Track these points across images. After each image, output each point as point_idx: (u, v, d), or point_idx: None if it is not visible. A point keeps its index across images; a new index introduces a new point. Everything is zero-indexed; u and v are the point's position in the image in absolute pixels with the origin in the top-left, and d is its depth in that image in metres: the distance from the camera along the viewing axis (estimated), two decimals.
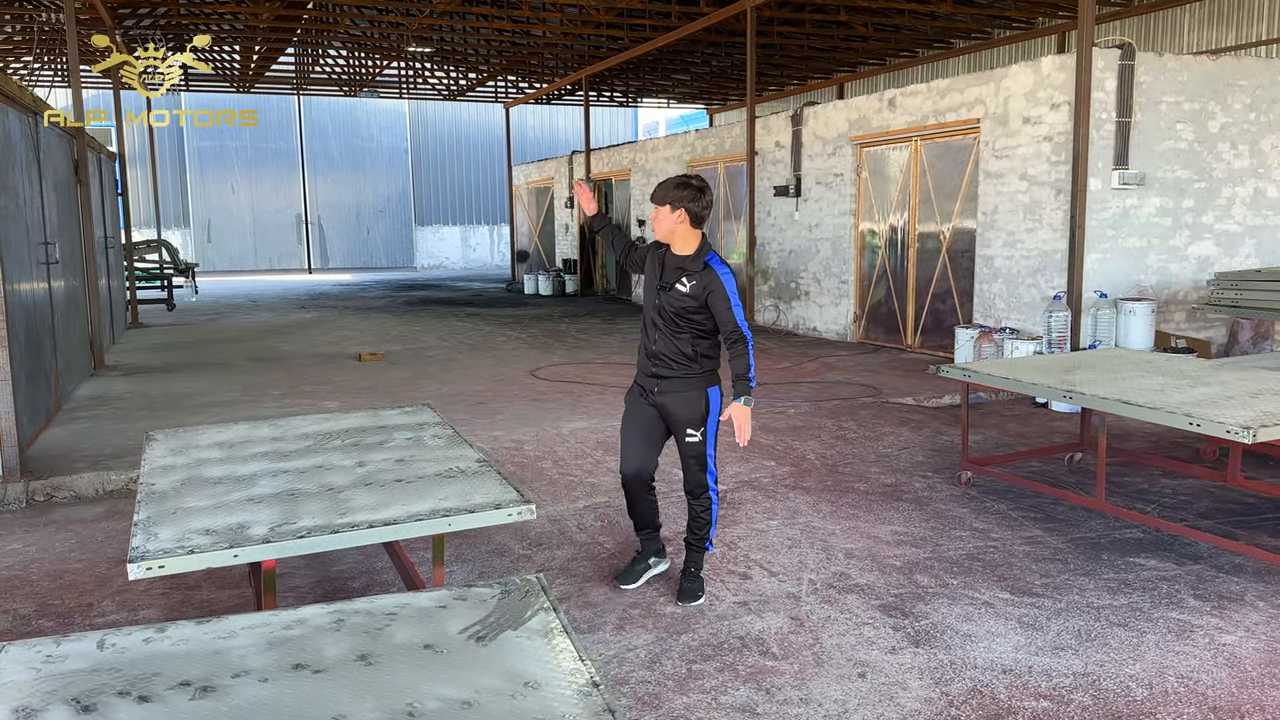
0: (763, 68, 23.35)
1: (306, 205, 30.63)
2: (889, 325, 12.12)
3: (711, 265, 4.34)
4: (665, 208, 4.33)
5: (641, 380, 4.58)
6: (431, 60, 22.49)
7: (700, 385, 4.45)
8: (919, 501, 5.93)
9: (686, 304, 4.34)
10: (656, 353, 4.46)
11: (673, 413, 4.47)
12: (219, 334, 14.41)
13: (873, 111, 11.99)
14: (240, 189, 30.00)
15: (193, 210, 29.53)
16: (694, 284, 4.32)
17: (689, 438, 4.48)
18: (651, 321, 4.48)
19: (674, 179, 4.41)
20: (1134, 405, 4.79)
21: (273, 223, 30.47)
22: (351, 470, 4.41)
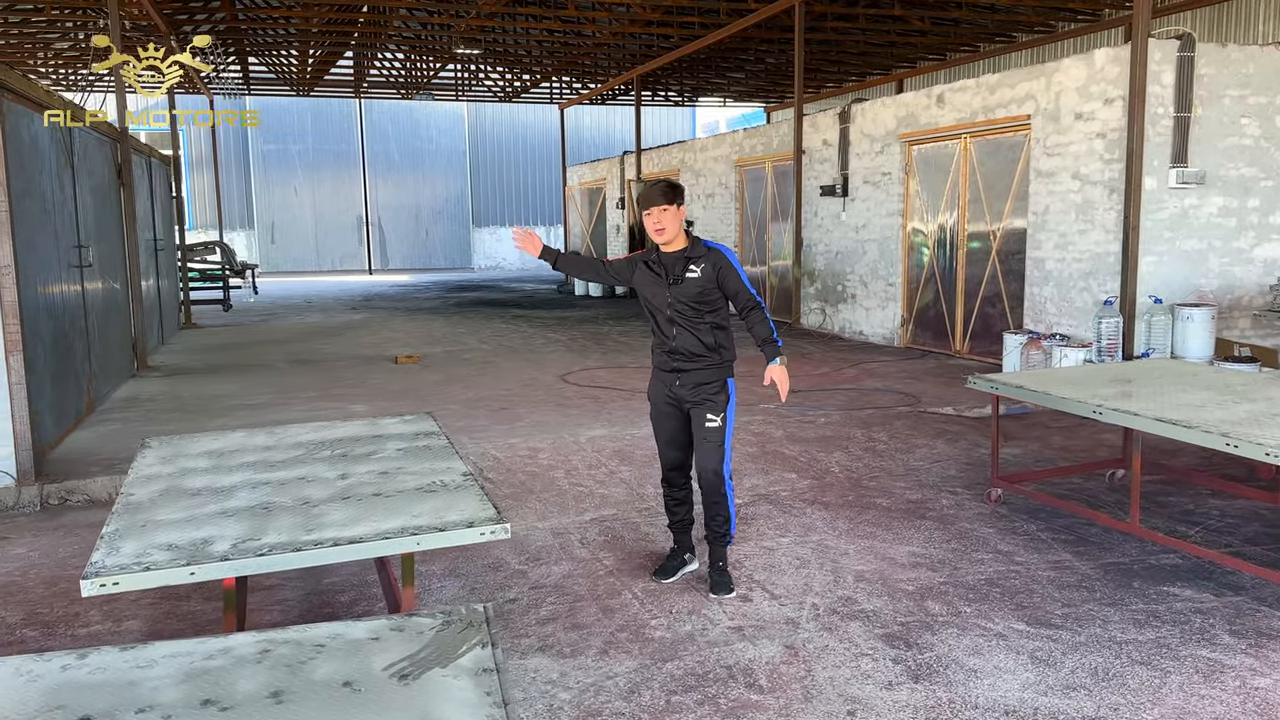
0: (818, 64, 22.95)
1: (367, 207, 31.00)
2: (937, 330, 11.71)
3: (713, 246, 4.64)
4: (673, 207, 4.55)
5: (662, 377, 4.76)
6: (485, 62, 22.56)
7: (720, 376, 4.66)
8: (943, 520, 5.62)
9: (701, 289, 4.56)
10: (676, 348, 4.64)
11: (695, 400, 4.65)
12: (267, 335, 14.56)
13: (921, 108, 11.59)
14: (303, 191, 30.48)
15: (257, 212, 30.08)
16: (704, 267, 4.56)
17: (709, 423, 4.64)
18: (668, 320, 4.64)
19: (662, 182, 4.62)
20: (1167, 423, 4.43)
21: (334, 224, 30.91)
22: (333, 483, 4.28)
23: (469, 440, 7.42)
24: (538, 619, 4.37)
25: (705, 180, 17.90)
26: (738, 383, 4.84)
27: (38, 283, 7.00)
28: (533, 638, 4.19)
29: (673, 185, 4.59)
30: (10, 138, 6.32)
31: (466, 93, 26.84)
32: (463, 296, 21.42)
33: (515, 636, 4.21)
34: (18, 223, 6.55)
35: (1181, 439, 4.39)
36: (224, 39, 19.57)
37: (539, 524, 5.62)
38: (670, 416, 4.78)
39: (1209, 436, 4.21)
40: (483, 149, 32.00)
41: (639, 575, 4.85)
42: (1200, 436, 4.26)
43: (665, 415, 4.80)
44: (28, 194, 6.82)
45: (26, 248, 6.74)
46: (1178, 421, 4.41)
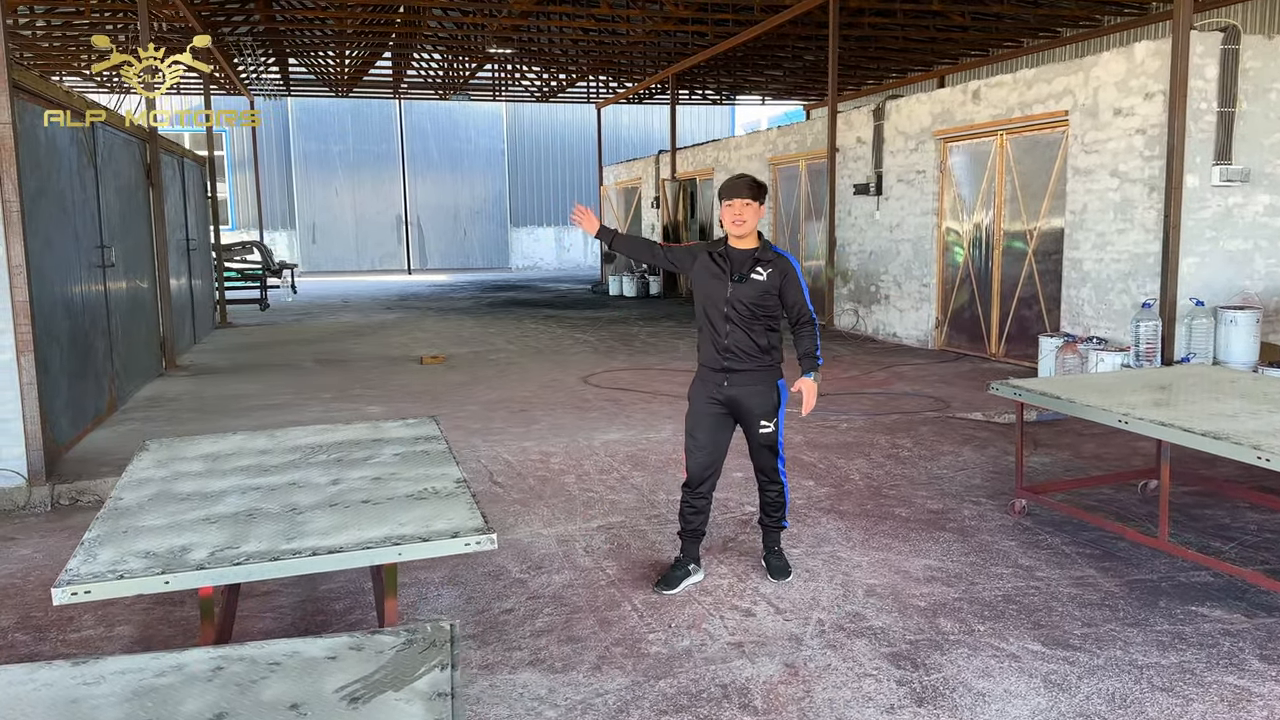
0: (858, 60, 22.61)
1: (406, 207, 31.17)
2: (972, 332, 11.41)
3: (783, 254, 4.65)
4: (755, 204, 4.52)
5: (709, 377, 4.66)
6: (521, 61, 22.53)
7: (771, 378, 4.64)
8: (963, 532, 5.40)
9: (764, 292, 4.53)
10: (729, 346, 4.57)
11: (746, 405, 4.61)
12: (299, 334, 14.63)
13: (956, 104, 11.30)
14: (343, 191, 30.71)
15: (298, 212, 30.37)
16: (771, 272, 4.54)
17: (763, 428, 4.65)
18: (724, 316, 4.57)
19: (748, 176, 4.61)
20: (1194, 434, 4.18)
21: (374, 224, 31.11)
22: (323, 489, 4.19)
23: (483, 443, 7.33)
24: (532, 631, 4.24)
25: None
26: None
27: (55, 283, 7.02)
28: (525, 650, 4.06)
29: (758, 182, 4.57)
30: (25, 138, 6.33)
31: (503, 93, 26.84)
32: (497, 296, 21.41)
33: (508, 649, 4.08)
34: (34, 222, 6.57)
35: (1209, 450, 4.14)
36: (262, 41, 19.73)
37: (544, 530, 5.50)
38: (712, 418, 4.66)
39: (1239, 449, 3.97)
40: (521, 149, 32.03)
41: (641, 586, 4.71)
42: (1229, 449, 4.01)
43: (706, 417, 4.67)
44: (44, 193, 6.84)
45: (43, 247, 6.76)
46: (1206, 432, 4.17)
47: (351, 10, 16.13)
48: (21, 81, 6.21)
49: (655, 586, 4.69)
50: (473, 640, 4.17)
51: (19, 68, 6.31)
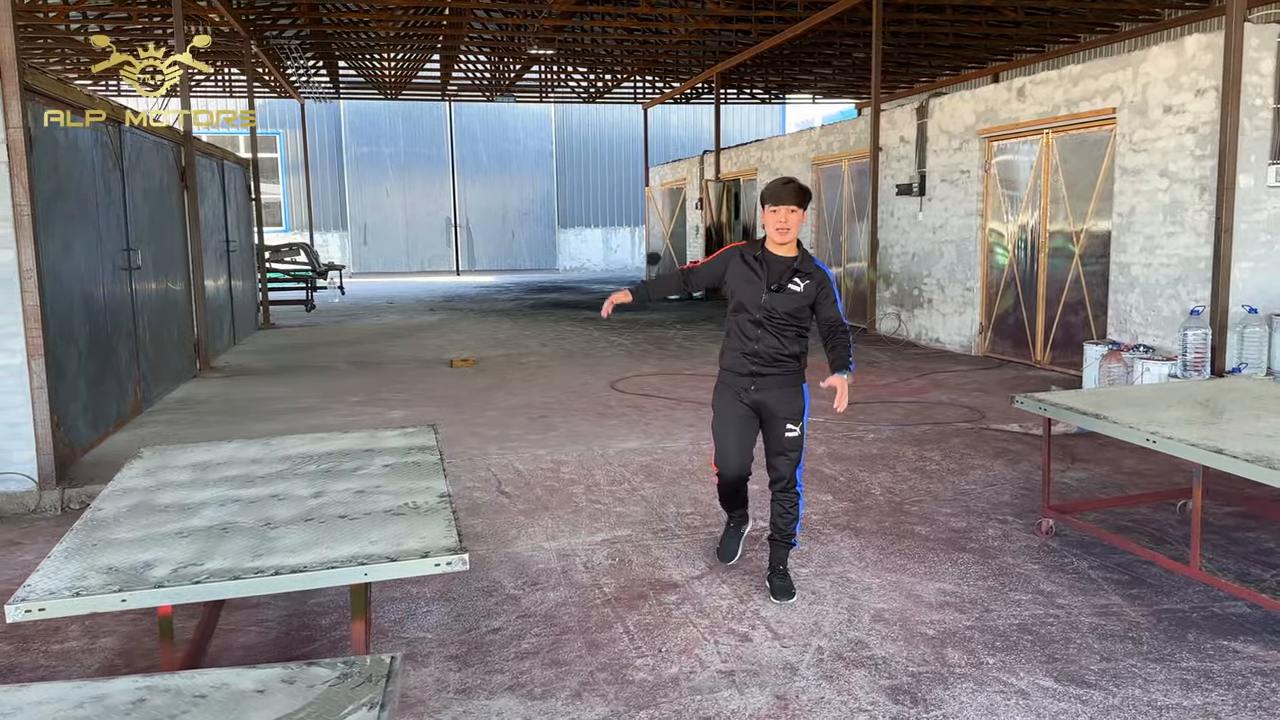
0: (909, 57, 22.16)
1: (455, 209, 31.31)
2: (1016, 338, 11.01)
3: (821, 266, 4.63)
4: (799, 211, 4.49)
5: (734, 381, 4.66)
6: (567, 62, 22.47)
7: (797, 383, 4.64)
8: (985, 553, 5.12)
9: (798, 302, 4.51)
10: (757, 351, 4.56)
11: (772, 409, 4.61)
12: (339, 336, 14.68)
13: (1001, 102, 10.91)
14: (394, 193, 30.95)
15: (350, 214, 30.67)
16: (808, 283, 4.53)
17: (789, 432, 4.64)
18: (755, 322, 4.55)
19: (794, 182, 4.53)
20: (1225, 455, 3.87)
21: (424, 226, 31.31)
22: (303, 502, 4.08)
23: (497, 450, 7.19)
24: (517, 653, 4.08)
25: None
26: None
27: (74, 286, 7.03)
28: (506, 674, 3.90)
29: (804, 188, 4.52)
30: (40, 141, 6.34)
31: (550, 94, 26.82)
32: (539, 298, 21.36)
33: (488, 672, 3.92)
34: (51, 226, 6.58)
35: (1240, 474, 3.83)
36: (310, 45, 19.91)
37: (546, 544, 5.34)
38: (740, 419, 4.68)
39: (1273, 474, 3.65)
40: (569, 150, 31.99)
41: (637, 606, 4.52)
42: (1262, 473, 3.70)
43: (734, 419, 4.69)
44: (63, 197, 6.85)
45: (61, 251, 6.78)
46: (1238, 454, 3.85)
47: (392, 14, 16.16)
48: (35, 85, 6.21)
49: (718, 556, 5.01)
50: (454, 661, 4.02)
51: (34, 71, 6.32)
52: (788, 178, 4.61)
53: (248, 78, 16.04)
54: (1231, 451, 3.91)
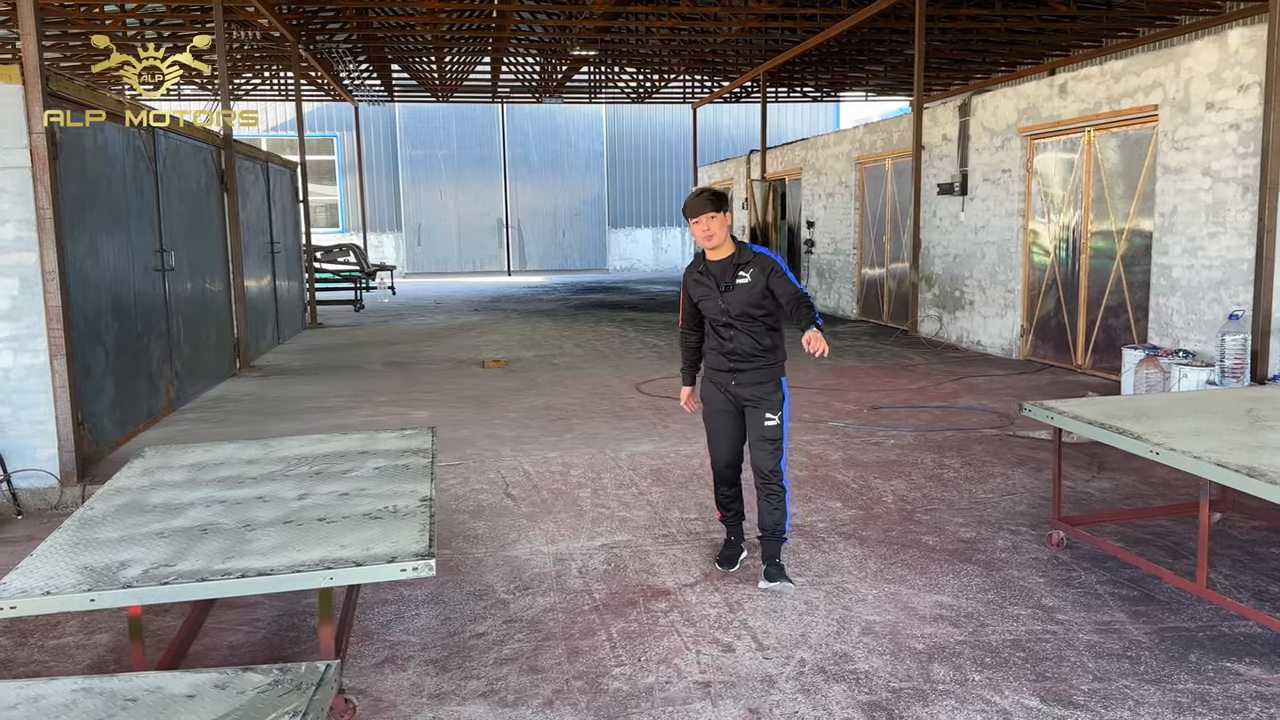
0: (962, 54, 21.76)
1: (507, 210, 31.54)
2: (1058, 341, 10.72)
3: (760, 251, 4.77)
4: (721, 214, 4.68)
5: (717, 378, 4.90)
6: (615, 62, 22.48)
7: (775, 375, 4.83)
8: (990, 565, 4.97)
9: (751, 294, 4.69)
10: (734, 350, 4.79)
11: (753, 401, 4.81)
12: (380, 336, 14.86)
13: (1043, 99, 10.63)
14: (447, 195, 31.27)
15: (404, 215, 31.06)
16: (754, 271, 4.69)
17: (768, 421, 4.78)
18: (725, 325, 4.78)
19: (706, 191, 4.74)
20: (1227, 469, 3.70)
21: (476, 227, 31.58)
22: (287, 504, 4.12)
23: (510, 452, 7.20)
24: (497, 659, 4.06)
25: (826, 179, 17.19)
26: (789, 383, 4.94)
27: (102, 287, 7.20)
28: (482, 680, 3.88)
29: (717, 194, 4.73)
30: (67, 146, 6.50)
31: (599, 95, 26.87)
32: (585, 298, 21.39)
33: (465, 677, 3.91)
34: (80, 228, 6.75)
35: (1241, 488, 3.65)
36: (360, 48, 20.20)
37: (545, 548, 5.31)
38: (727, 414, 4.91)
39: (1272, 489, 3.48)
40: (620, 151, 32.01)
41: (625, 613, 4.47)
42: (1262, 488, 3.52)
43: (722, 414, 4.93)
44: (91, 200, 7.01)
45: (88, 253, 6.94)
46: (1241, 467, 3.67)
47: (435, 16, 16.31)
48: (59, 90, 6.37)
49: (717, 563, 5.04)
50: (433, 666, 4.01)
51: (59, 77, 6.48)
52: (700, 189, 4.84)
53: (295, 81, 16.31)
54: (1234, 465, 3.73)
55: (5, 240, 6.05)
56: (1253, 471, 3.63)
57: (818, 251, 17.79)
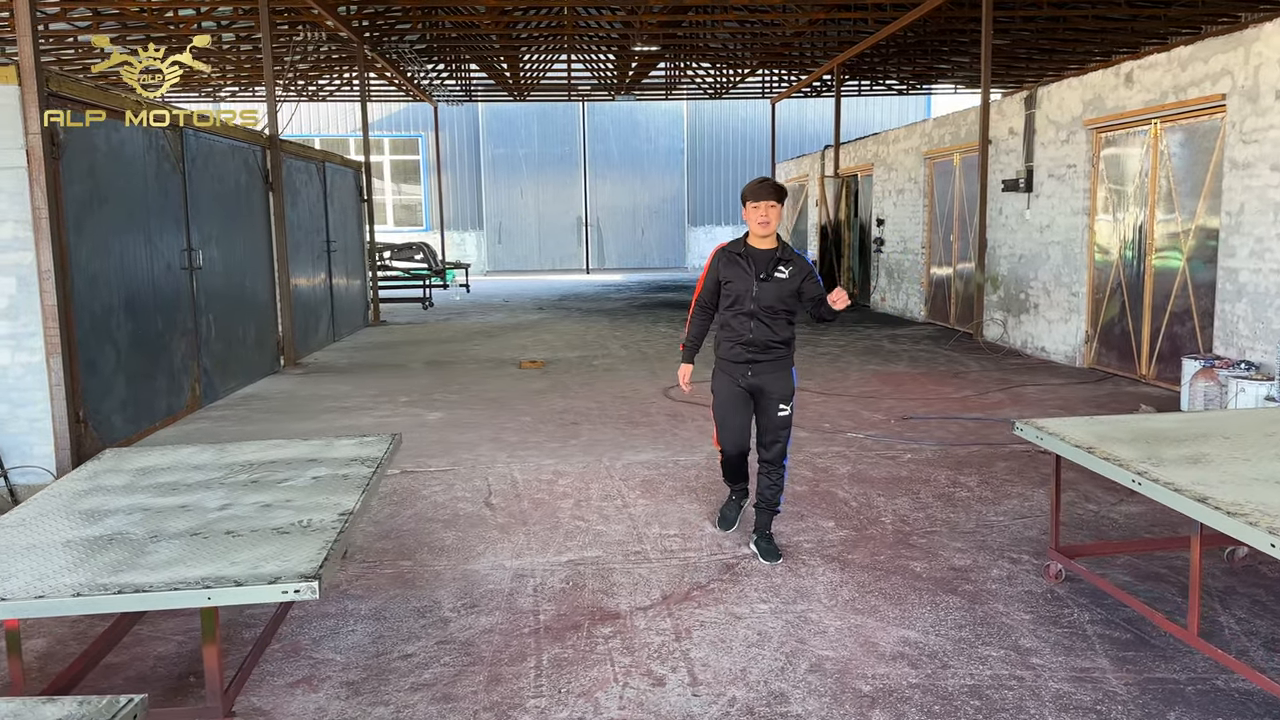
0: (1052, 44, 20.73)
1: (586, 208, 31.52)
2: (1122, 349, 10.01)
3: (801, 254, 5.05)
4: (779, 205, 4.93)
5: (731, 369, 5.07)
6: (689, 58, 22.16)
7: (788, 366, 5.09)
8: (975, 597, 4.55)
9: (785, 289, 4.93)
10: (752, 341, 4.97)
11: (768, 391, 5.03)
12: (435, 334, 14.90)
13: (1108, 89, 9.93)
14: (527, 193, 31.42)
15: (486, 214, 31.34)
16: (793, 269, 4.95)
17: (781, 411, 5.06)
18: (748, 314, 4.95)
19: (769, 181, 4.94)
20: (1206, 506, 3.24)
21: (556, 225, 31.66)
22: (205, 514, 4.00)
23: (505, 458, 7.01)
24: (414, 684, 3.86)
25: (896, 175, 16.56)
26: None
27: (114, 286, 7.27)
28: (390, 707, 3.69)
29: (780, 185, 4.96)
30: (71, 146, 6.57)
31: (674, 91, 26.58)
32: (652, 298, 21.15)
33: (373, 704, 3.72)
34: (87, 228, 6.82)
35: (1221, 529, 3.19)
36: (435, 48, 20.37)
37: (508, 563, 5.10)
38: (741, 401, 5.10)
39: (1252, 531, 3.02)
40: (700, 148, 31.65)
41: (565, 637, 4.22)
42: (1239, 528, 3.06)
43: (735, 401, 5.10)
44: (101, 199, 7.09)
45: (98, 252, 7.02)
46: (1222, 504, 3.21)
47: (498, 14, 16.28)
48: (59, 90, 6.43)
49: (717, 525, 5.46)
50: (346, 689, 3.84)
51: (68, 79, 6.55)
52: (763, 177, 5.04)
53: (360, 81, 16.50)
54: (1217, 500, 3.27)
55: (2, 240, 6.15)
56: (1235, 510, 3.17)
57: (887, 250, 17.17)
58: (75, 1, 15.00)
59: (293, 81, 23.48)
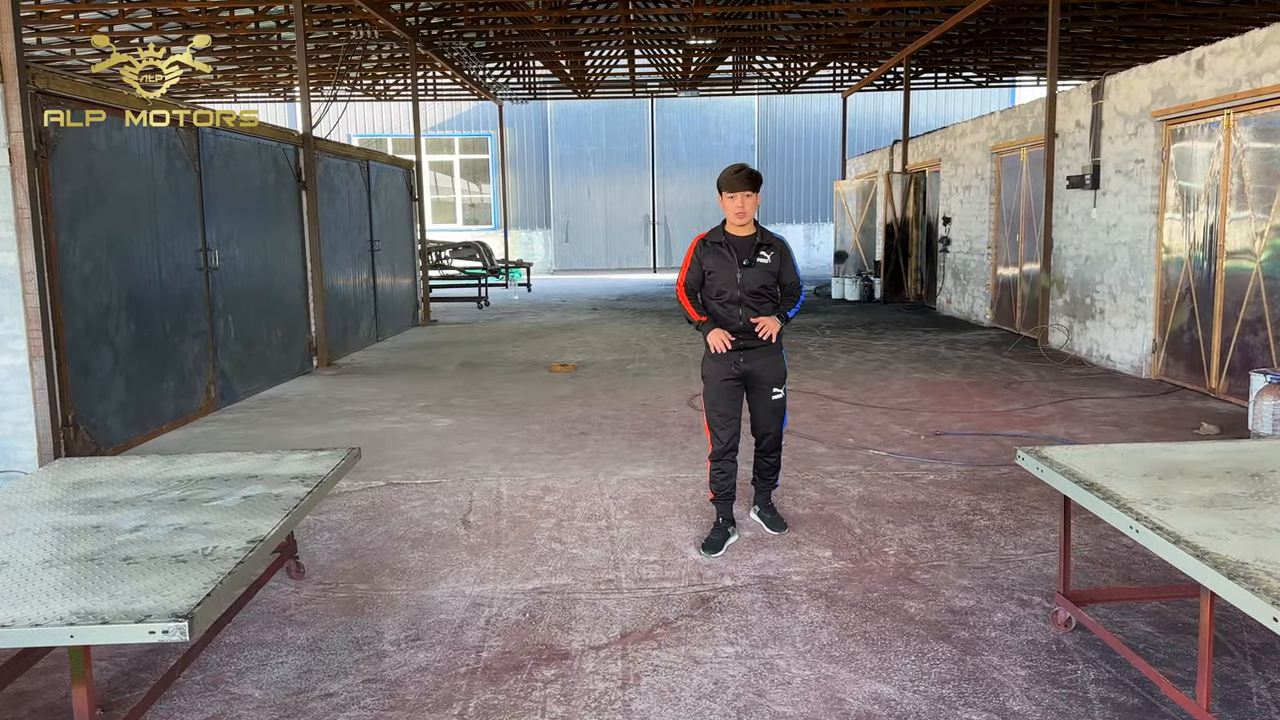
0: (1136, 33, 19.67)
1: (654, 206, 31.14)
2: (1191, 360, 9.21)
3: (780, 237, 5.14)
4: (753, 195, 4.92)
5: (722, 357, 5.02)
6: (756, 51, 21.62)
7: (778, 350, 5.16)
8: (969, 646, 4.03)
9: (767, 275, 5.00)
10: (742, 328, 4.97)
11: (760, 376, 5.09)
12: (480, 335, 14.71)
13: (1178, 78, 9.14)
14: (595, 192, 31.19)
15: (553, 212, 31.22)
16: (773, 254, 5.03)
17: (775, 395, 5.16)
18: (735, 301, 4.98)
19: (746, 168, 4.93)
20: (1210, 566, 2.70)
21: (623, 224, 31.36)
22: (114, 536, 3.76)
23: (499, 472, 6.68)
24: None
25: (963, 171, 15.78)
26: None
27: (113, 286, 7.17)
28: None
29: (755, 173, 4.94)
30: (65, 145, 6.46)
31: (741, 86, 26.02)
32: None
33: None
34: (81, 228, 6.72)
35: (1222, 595, 2.66)
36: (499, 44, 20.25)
37: (468, 589, 4.75)
38: (732, 391, 5.09)
39: (1252, 600, 2.48)
40: (772, 144, 30.96)
41: (501, 680, 3.85)
42: (1238, 593, 2.53)
43: (727, 391, 5.08)
44: (100, 198, 7.01)
45: (93, 252, 6.91)
46: (1225, 562, 2.67)
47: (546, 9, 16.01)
48: (51, 88, 6.31)
49: (701, 550, 5.08)
50: None
51: (61, 77, 6.43)
52: (739, 165, 5.00)
53: (412, 81, 16.42)
54: (1221, 555, 2.73)
55: None
56: (1237, 571, 2.62)
57: (953, 250, 16.39)
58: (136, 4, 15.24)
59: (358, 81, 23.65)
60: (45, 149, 6.26)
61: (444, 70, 21.61)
